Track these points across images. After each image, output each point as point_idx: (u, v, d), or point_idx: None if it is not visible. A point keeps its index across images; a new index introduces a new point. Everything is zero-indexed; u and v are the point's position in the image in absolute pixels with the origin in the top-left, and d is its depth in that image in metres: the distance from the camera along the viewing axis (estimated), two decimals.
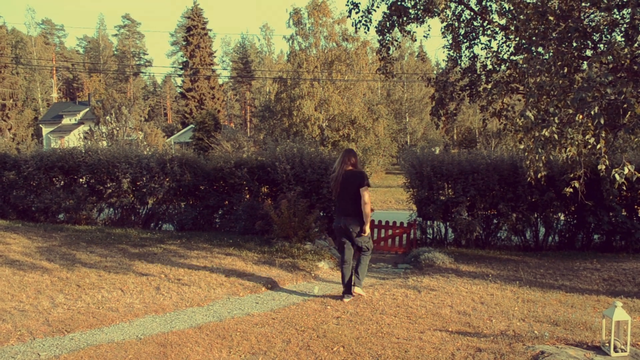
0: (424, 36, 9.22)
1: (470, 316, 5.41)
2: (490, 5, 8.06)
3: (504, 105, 8.05)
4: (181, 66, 67.52)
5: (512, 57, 7.62)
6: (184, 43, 64.48)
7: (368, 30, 8.78)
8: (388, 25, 8.22)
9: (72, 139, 37.48)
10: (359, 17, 8.38)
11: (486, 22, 8.16)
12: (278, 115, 32.92)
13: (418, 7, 7.95)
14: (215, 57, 67.27)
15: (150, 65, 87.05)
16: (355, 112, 31.27)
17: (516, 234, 9.65)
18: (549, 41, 5.71)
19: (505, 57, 8.04)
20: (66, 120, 52.51)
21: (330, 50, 32.27)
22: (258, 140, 30.53)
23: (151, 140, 32.40)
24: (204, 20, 61.60)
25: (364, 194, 5.84)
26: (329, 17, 32.25)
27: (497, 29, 8.01)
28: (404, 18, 8.05)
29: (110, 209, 11.41)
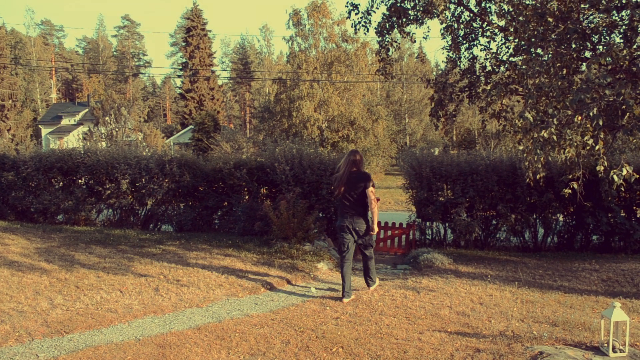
0: (424, 37, 9.24)
1: (469, 317, 5.42)
2: (490, 7, 8.07)
3: (503, 106, 8.05)
4: (181, 67, 67.53)
5: (511, 59, 7.64)
6: (183, 44, 64.52)
7: (367, 31, 8.78)
8: (387, 27, 8.23)
9: (71, 140, 37.49)
10: (358, 19, 8.40)
11: (485, 23, 8.17)
12: (277, 116, 32.96)
13: (417, 8, 7.96)
14: (215, 58, 67.32)
15: (150, 66, 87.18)
16: (355, 113, 31.32)
17: (515, 235, 9.66)
18: (548, 42, 5.72)
19: (505, 58, 8.05)
20: (65, 121, 52.45)
21: (329, 51, 32.32)
22: (257, 141, 30.52)
23: (150, 141, 32.40)
24: (203, 21, 61.64)
25: (371, 194, 6.01)
26: (328, 18, 32.30)
27: (497, 30, 8.02)
28: (404, 19, 8.06)
29: (109, 210, 11.40)
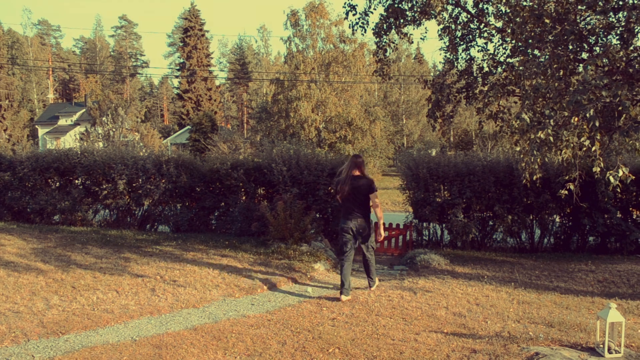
0: (421, 38, 9.27)
1: (466, 317, 5.42)
2: (487, 8, 8.09)
3: (500, 107, 8.07)
4: (178, 67, 67.41)
5: (508, 60, 7.66)
6: (181, 44, 64.41)
7: (365, 32, 8.80)
8: (385, 28, 8.24)
9: (68, 140, 37.43)
10: (356, 19, 8.41)
11: (483, 24, 8.19)
12: (275, 117, 32.96)
13: (415, 9, 7.97)
14: (213, 58, 67.33)
15: (147, 67, 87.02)
16: (352, 114, 31.31)
17: (512, 236, 9.66)
18: (545, 44, 5.73)
19: (502, 59, 8.07)
20: (62, 121, 52.28)
21: (327, 52, 32.32)
22: (255, 141, 30.54)
23: (147, 141, 32.35)
24: (201, 21, 61.55)
25: (375, 200, 6.29)
26: (326, 18, 32.30)
27: (494, 31, 8.04)
28: (401, 20, 8.07)
29: (106, 211, 11.38)
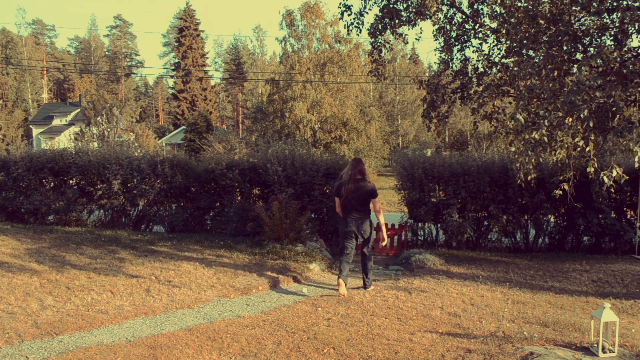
0: (416, 39, 9.26)
1: (461, 317, 5.43)
2: (482, 9, 8.11)
3: (495, 107, 8.09)
4: (173, 67, 67.28)
5: (503, 60, 7.68)
6: (176, 44, 64.28)
7: (360, 32, 8.81)
8: (380, 28, 8.26)
9: (62, 140, 37.26)
10: (351, 20, 8.42)
11: (477, 25, 8.21)
12: (270, 117, 32.90)
13: (410, 9, 7.99)
14: (208, 58, 67.20)
15: (142, 66, 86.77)
16: (348, 114, 31.32)
17: (506, 236, 9.69)
18: (539, 44, 5.75)
19: (497, 60, 8.10)
20: (57, 121, 52.09)
21: (322, 52, 32.30)
22: (250, 141, 30.49)
23: (142, 141, 32.26)
24: (196, 21, 61.48)
25: (377, 205, 6.52)
26: (321, 18, 32.29)
27: (489, 32, 8.06)
28: (396, 20, 8.09)
29: (101, 211, 11.33)
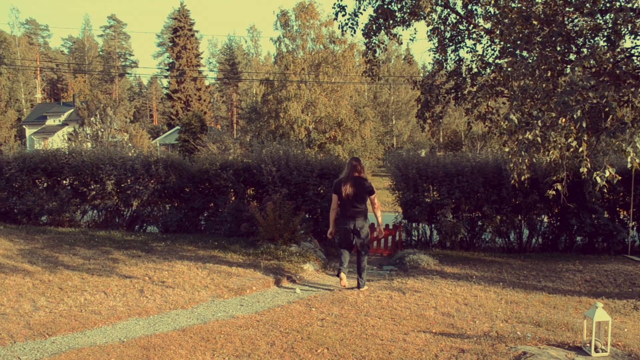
0: (410, 39, 9.27)
1: (454, 317, 5.44)
2: (476, 9, 8.12)
3: (489, 108, 8.11)
4: (167, 67, 67.03)
5: (497, 61, 7.70)
6: (170, 44, 64.03)
7: (355, 32, 8.81)
8: (374, 28, 8.25)
9: (56, 140, 37.00)
10: (345, 20, 8.41)
11: (472, 25, 8.23)
12: (265, 117, 32.87)
13: (404, 10, 7.99)
14: (202, 58, 66.98)
15: (136, 66, 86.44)
16: (342, 114, 31.32)
17: (500, 236, 9.73)
18: (533, 45, 5.77)
19: (490, 60, 8.11)
20: (50, 122, 51.85)
21: (317, 52, 32.30)
22: (244, 142, 30.39)
23: (136, 141, 32.14)
24: (190, 21, 61.29)
25: (375, 200, 6.64)
26: (316, 19, 32.28)
27: (483, 32, 8.08)
28: (390, 21, 8.09)
29: (94, 211, 11.28)
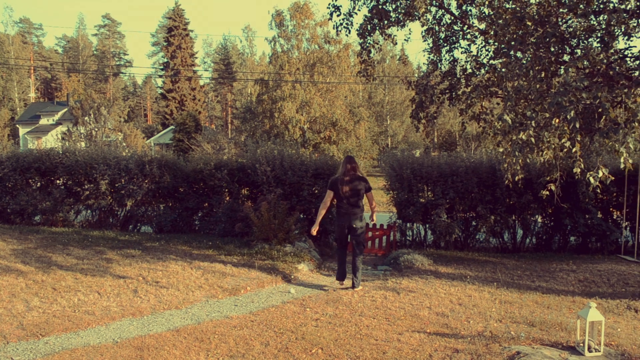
0: (405, 39, 9.29)
1: (448, 317, 5.46)
2: (470, 10, 8.14)
3: (483, 108, 8.14)
4: (162, 67, 66.83)
5: (491, 61, 7.72)
6: (165, 44, 63.84)
7: (349, 33, 8.82)
8: (369, 29, 8.26)
9: (49, 140, 36.80)
10: (340, 20, 8.41)
11: (466, 26, 8.25)
12: (259, 117, 32.84)
13: (399, 10, 8.00)
14: (197, 58, 66.81)
15: (131, 66, 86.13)
16: (337, 114, 31.33)
17: (494, 236, 9.76)
18: (527, 46, 5.79)
19: (485, 61, 8.14)
20: (44, 121, 51.57)
21: (312, 52, 32.30)
22: (239, 142, 30.36)
23: (130, 141, 32.01)
24: (185, 20, 61.11)
25: (372, 196, 6.79)
26: (311, 19, 32.29)
27: (477, 33, 8.10)
28: (385, 21, 8.10)
29: (88, 211, 11.23)
